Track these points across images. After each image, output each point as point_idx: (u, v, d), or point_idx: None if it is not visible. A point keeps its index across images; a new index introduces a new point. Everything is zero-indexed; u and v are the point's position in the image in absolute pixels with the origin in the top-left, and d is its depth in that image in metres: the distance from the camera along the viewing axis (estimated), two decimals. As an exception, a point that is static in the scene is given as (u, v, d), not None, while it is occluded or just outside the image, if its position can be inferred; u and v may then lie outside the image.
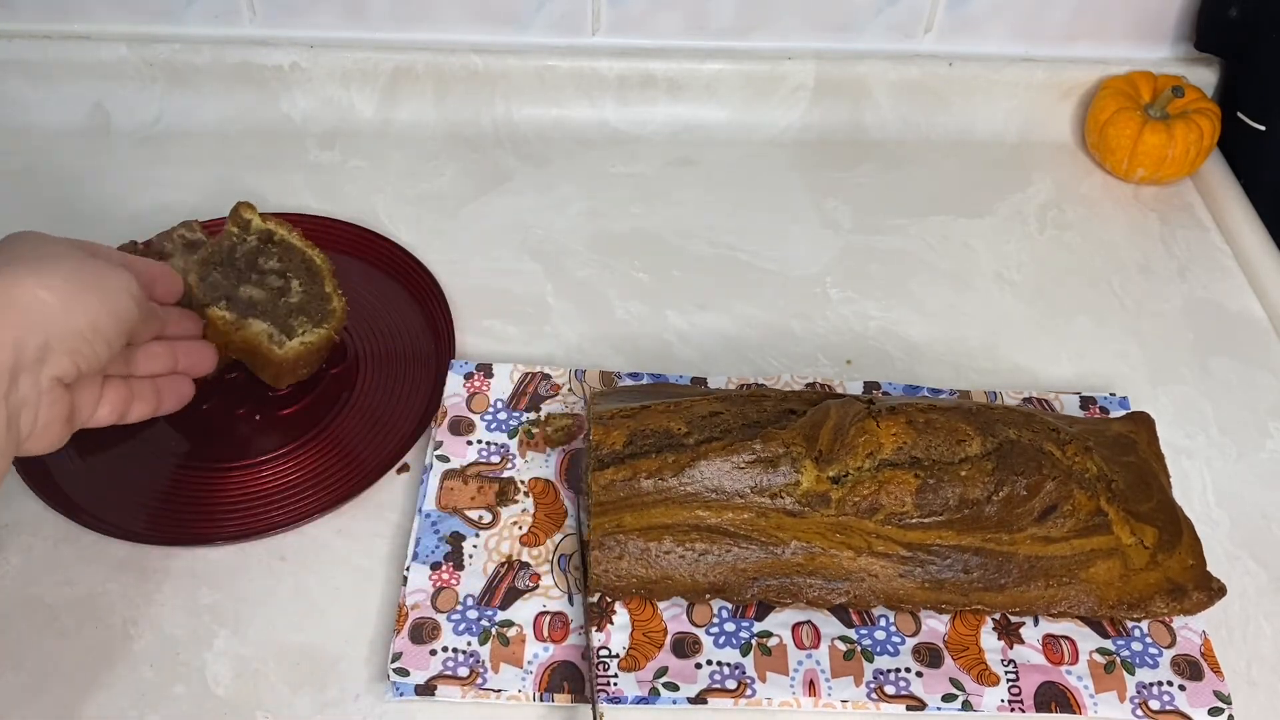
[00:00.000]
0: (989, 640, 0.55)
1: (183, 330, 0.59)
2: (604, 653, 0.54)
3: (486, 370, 0.65)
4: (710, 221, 0.78)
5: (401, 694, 0.52)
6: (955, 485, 0.53)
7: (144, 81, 0.83)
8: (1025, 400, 0.66)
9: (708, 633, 0.54)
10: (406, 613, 0.54)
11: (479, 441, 0.62)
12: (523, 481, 0.60)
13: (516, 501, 0.59)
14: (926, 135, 0.86)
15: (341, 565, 0.58)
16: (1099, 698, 0.53)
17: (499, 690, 0.52)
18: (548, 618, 0.55)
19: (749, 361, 0.69)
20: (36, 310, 0.45)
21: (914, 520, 0.53)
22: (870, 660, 0.54)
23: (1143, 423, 0.61)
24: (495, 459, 0.61)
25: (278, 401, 0.64)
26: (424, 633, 0.54)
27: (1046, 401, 0.66)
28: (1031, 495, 0.54)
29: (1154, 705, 0.53)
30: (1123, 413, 0.64)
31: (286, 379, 0.63)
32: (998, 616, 0.56)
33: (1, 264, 0.46)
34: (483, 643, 0.54)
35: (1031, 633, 0.55)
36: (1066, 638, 0.55)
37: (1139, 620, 0.56)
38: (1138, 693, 0.53)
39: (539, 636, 0.54)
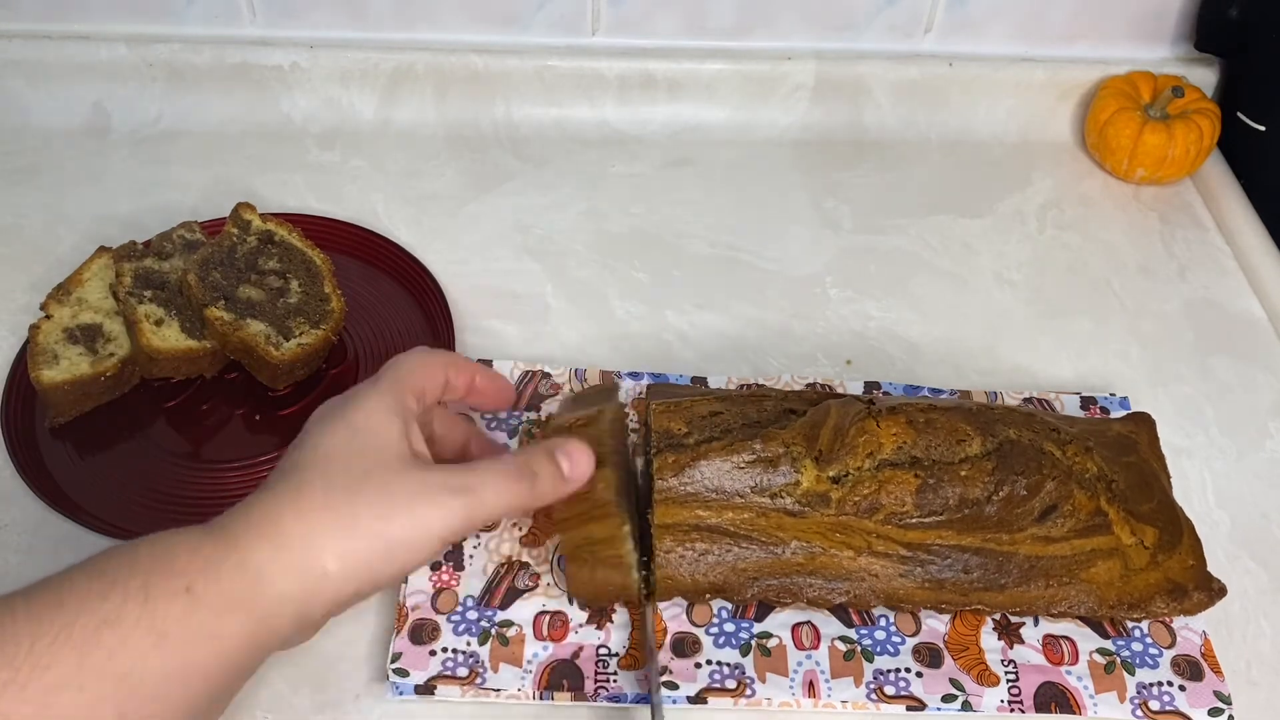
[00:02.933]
0: (989, 640, 0.55)
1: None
2: (603, 651, 0.54)
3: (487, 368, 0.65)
4: (710, 221, 0.78)
5: (401, 694, 0.52)
6: (955, 485, 0.53)
7: (144, 81, 0.83)
8: (1025, 400, 0.66)
9: (707, 633, 0.54)
10: (406, 613, 0.54)
11: (479, 441, 0.62)
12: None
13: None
14: (926, 135, 0.86)
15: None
16: (1099, 698, 0.53)
17: (499, 690, 0.52)
18: (547, 617, 0.55)
19: (749, 361, 0.69)
20: (319, 581, 0.42)
21: (914, 520, 0.53)
22: (870, 660, 0.54)
23: (1143, 423, 0.61)
24: (495, 459, 0.61)
25: (277, 401, 0.64)
26: (424, 633, 0.54)
27: (1047, 401, 0.66)
28: (1031, 495, 0.54)
29: (1154, 705, 0.53)
30: (1123, 413, 0.64)
31: (284, 380, 0.63)
32: (998, 616, 0.56)
33: (309, 506, 0.43)
34: (482, 643, 0.54)
35: (1031, 633, 0.55)
36: (1066, 638, 0.55)
37: (1139, 620, 0.56)
38: (1138, 693, 0.53)
39: (538, 636, 0.54)
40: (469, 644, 0.54)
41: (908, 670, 0.53)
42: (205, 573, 0.40)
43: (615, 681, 0.53)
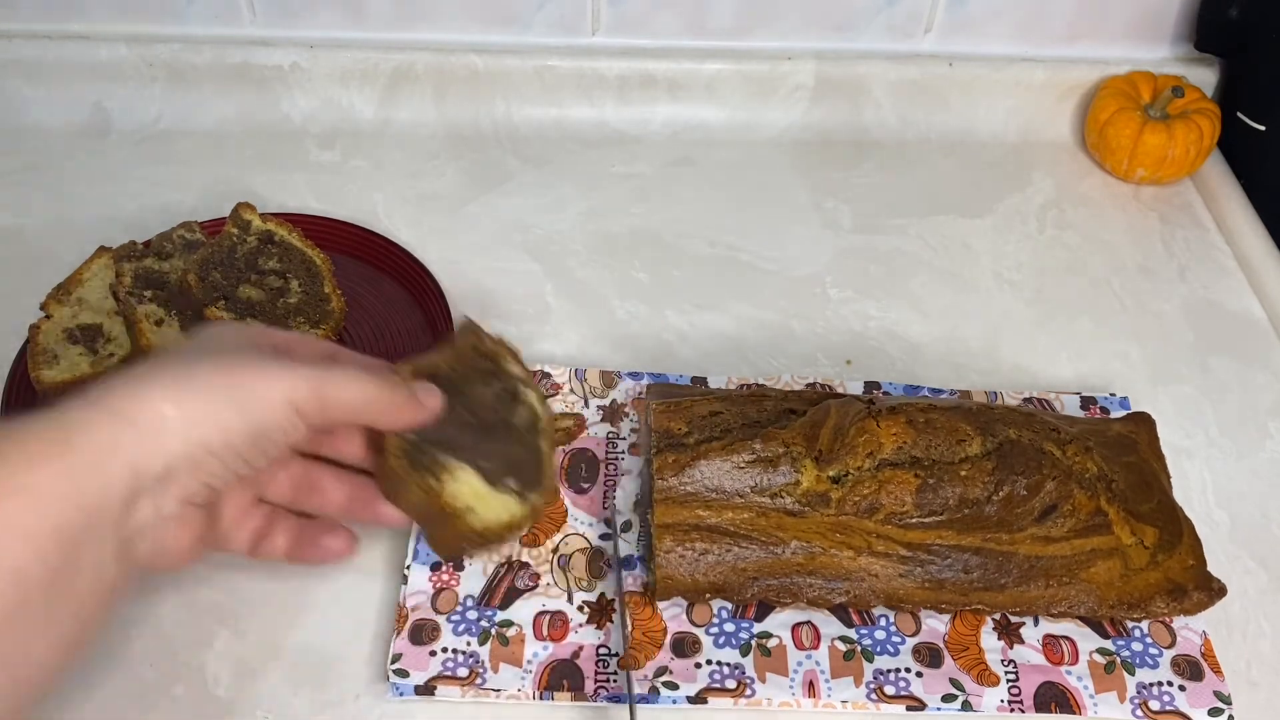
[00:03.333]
0: (989, 640, 0.55)
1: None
2: (603, 651, 0.54)
3: (486, 370, 0.65)
4: (710, 221, 0.78)
5: (401, 694, 0.52)
6: (955, 485, 0.53)
7: (144, 81, 0.83)
8: (1025, 400, 0.66)
9: (707, 632, 0.54)
10: (406, 614, 0.54)
11: (479, 441, 0.62)
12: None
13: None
14: (926, 135, 0.86)
15: (341, 565, 0.58)
16: (1099, 698, 0.53)
17: (499, 690, 0.52)
18: (547, 617, 0.55)
19: (749, 361, 0.69)
20: (156, 428, 0.39)
21: (914, 520, 0.53)
22: (870, 660, 0.54)
23: (1143, 423, 0.61)
24: (495, 459, 0.61)
25: (278, 401, 0.64)
26: (424, 634, 0.54)
27: (1047, 401, 0.66)
28: (1031, 495, 0.54)
29: (1154, 705, 0.53)
30: (1123, 413, 0.64)
31: (285, 380, 0.63)
32: (998, 616, 0.56)
33: (141, 375, 0.40)
34: (482, 643, 0.54)
35: (1031, 633, 0.55)
36: (1066, 638, 0.55)
37: (1139, 620, 0.56)
38: (1138, 693, 0.53)
39: (538, 636, 0.54)
40: (469, 644, 0.54)
41: (908, 670, 0.53)
42: (9, 435, 0.37)
43: (615, 681, 0.53)
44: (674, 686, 0.52)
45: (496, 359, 0.51)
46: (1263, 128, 0.80)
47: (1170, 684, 0.53)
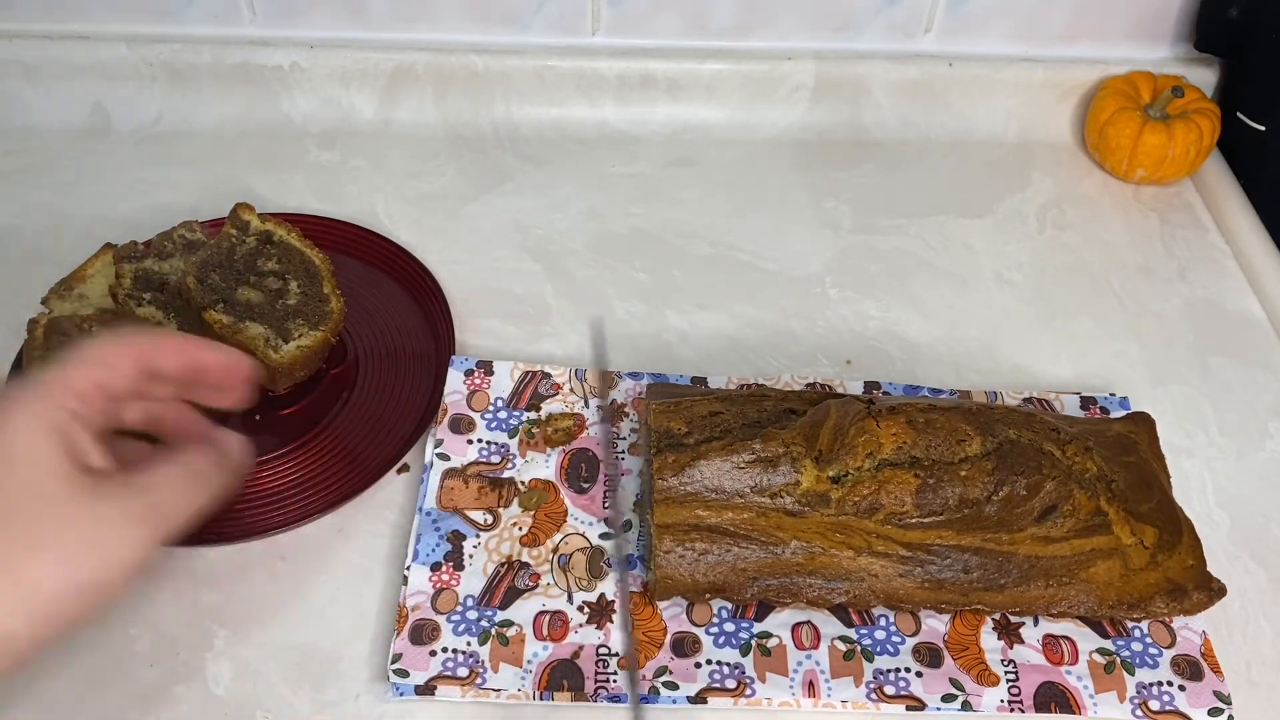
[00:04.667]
0: (989, 640, 0.55)
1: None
2: (603, 651, 0.54)
3: (487, 368, 0.65)
4: (710, 221, 0.78)
5: (401, 694, 0.52)
6: (955, 485, 0.53)
7: (144, 81, 0.83)
8: (1025, 400, 0.66)
9: (707, 632, 0.54)
10: (406, 614, 0.54)
11: (479, 441, 0.62)
12: (523, 482, 0.60)
13: (529, 507, 0.59)
14: (926, 135, 0.86)
15: (341, 565, 0.58)
16: (1099, 698, 0.53)
17: (499, 690, 0.52)
18: (547, 617, 0.55)
19: (749, 361, 0.69)
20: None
21: (914, 520, 0.53)
22: (870, 660, 0.54)
23: (1143, 423, 0.61)
24: (495, 459, 0.61)
25: (278, 401, 0.64)
26: (424, 634, 0.54)
27: (1047, 402, 0.66)
28: (1031, 495, 0.54)
29: (1154, 705, 0.53)
30: (1123, 413, 0.64)
31: (283, 382, 0.63)
32: (998, 616, 0.56)
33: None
34: (482, 643, 0.54)
35: (1031, 633, 0.55)
36: (1066, 638, 0.55)
37: (1139, 620, 0.56)
38: (1138, 693, 0.53)
39: (538, 636, 0.54)
40: (469, 644, 0.54)
41: (908, 670, 0.53)
42: None
43: (615, 681, 0.53)
44: (674, 686, 0.52)
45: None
46: (1263, 128, 0.80)
47: (1170, 684, 0.53)
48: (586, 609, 0.55)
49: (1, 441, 0.40)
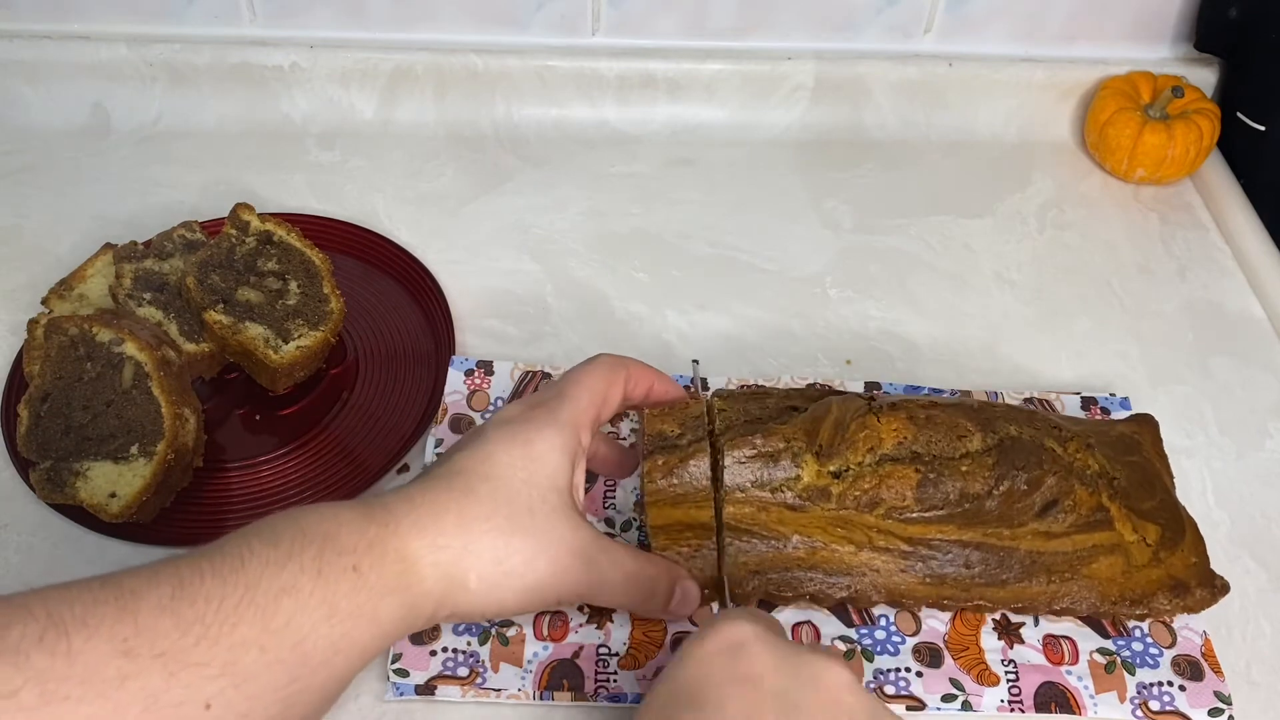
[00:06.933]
0: (989, 640, 0.55)
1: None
2: (603, 651, 0.54)
3: (487, 368, 0.65)
4: (710, 221, 0.78)
5: (401, 694, 0.52)
6: (956, 480, 0.53)
7: (144, 81, 0.83)
8: (1026, 400, 0.66)
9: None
10: (406, 612, 0.54)
11: (479, 441, 0.62)
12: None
13: None
14: (926, 135, 0.86)
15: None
16: (1099, 698, 0.53)
17: (499, 690, 0.52)
18: (547, 617, 0.55)
19: (749, 362, 0.69)
20: (465, 595, 0.45)
21: (914, 515, 0.53)
22: (870, 660, 0.54)
23: (1147, 424, 0.61)
24: (495, 459, 0.61)
25: (278, 401, 0.64)
26: (424, 633, 0.54)
27: (1047, 402, 0.66)
28: (1032, 490, 0.54)
29: (1154, 706, 0.53)
30: (1124, 413, 0.64)
31: (283, 382, 0.63)
32: (998, 616, 0.56)
33: (475, 527, 0.45)
34: (482, 643, 0.54)
35: (1032, 633, 0.55)
36: (1067, 638, 0.55)
37: (1141, 618, 0.56)
38: (1138, 693, 0.53)
39: (539, 636, 0.54)
40: (469, 644, 0.54)
41: (908, 670, 0.53)
42: (370, 554, 0.42)
43: (615, 681, 0.53)
44: (674, 686, 0.52)
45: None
46: (1263, 128, 0.80)
47: (1170, 684, 0.53)
48: (587, 609, 0.55)
49: (535, 452, 0.48)
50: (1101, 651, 0.55)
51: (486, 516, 0.46)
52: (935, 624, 0.55)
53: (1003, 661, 0.54)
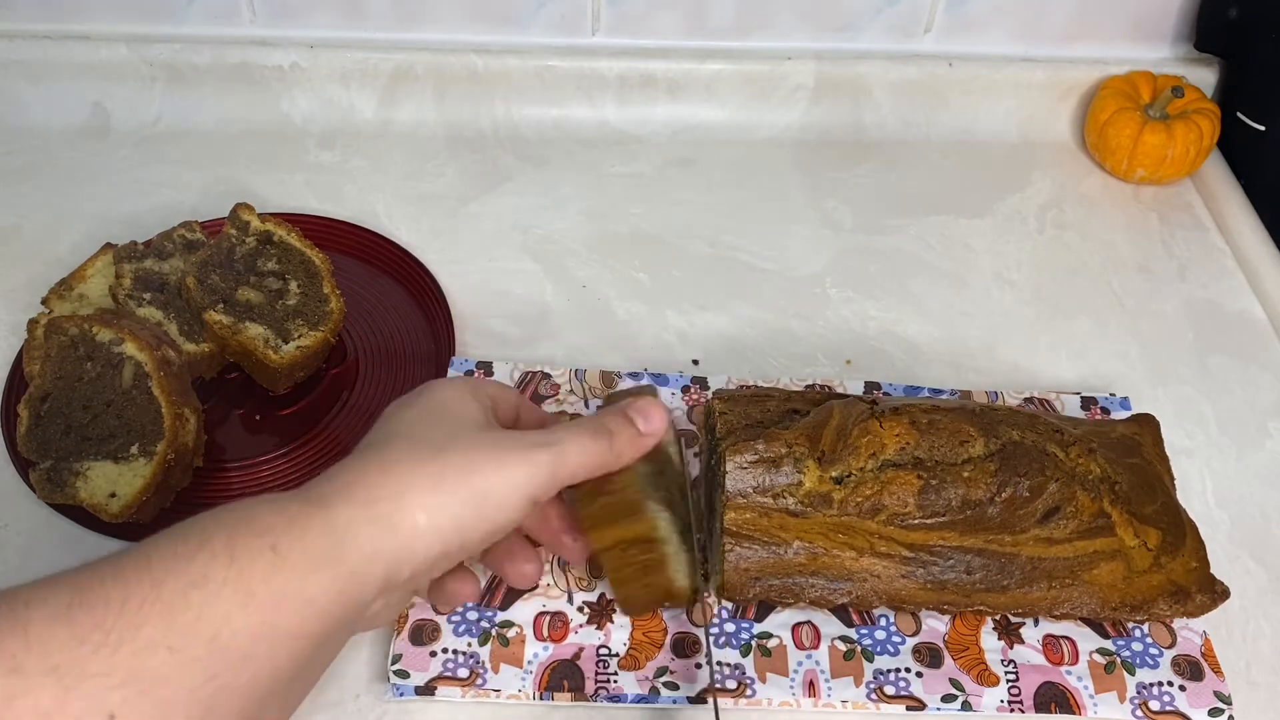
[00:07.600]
0: (989, 640, 0.55)
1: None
2: (603, 651, 0.54)
3: (487, 368, 0.65)
4: (710, 221, 0.78)
5: (401, 694, 0.52)
6: (958, 486, 0.53)
7: (144, 81, 0.83)
8: (1026, 401, 0.66)
9: (707, 633, 0.54)
10: (406, 614, 0.54)
11: (479, 441, 0.62)
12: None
13: None
14: (926, 135, 0.86)
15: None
16: (1099, 698, 0.53)
17: (499, 690, 0.52)
18: (547, 618, 0.55)
19: (749, 361, 0.69)
20: (410, 537, 0.42)
21: (916, 521, 0.53)
22: (870, 660, 0.54)
23: (1148, 425, 0.61)
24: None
25: (277, 401, 0.64)
26: (424, 634, 0.54)
27: (1047, 402, 0.66)
28: (1034, 496, 0.54)
29: (1154, 706, 0.53)
30: (1125, 413, 0.64)
31: (283, 382, 0.63)
32: (998, 617, 0.56)
33: (399, 473, 0.43)
34: (483, 643, 0.54)
35: (1032, 633, 0.55)
36: (1067, 638, 0.55)
37: (1141, 623, 0.56)
38: (1138, 693, 0.53)
39: (539, 636, 0.54)
40: (469, 645, 0.54)
41: (908, 670, 0.53)
42: (290, 531, 0.40)
43: (615, 682, 0.53)
44: (674, 687, 0.52)
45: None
46: (1263, 128, 0.80)
47: (1170, 684, 0.53)
48: (587, 609, 0.55)
49: (436, 400, 0.47)
50: (1101, 652, 0.55)
51: (410, 456, 0.43)
52: (935, 624, 0.55)
53: (1002, 661, 0.54)
